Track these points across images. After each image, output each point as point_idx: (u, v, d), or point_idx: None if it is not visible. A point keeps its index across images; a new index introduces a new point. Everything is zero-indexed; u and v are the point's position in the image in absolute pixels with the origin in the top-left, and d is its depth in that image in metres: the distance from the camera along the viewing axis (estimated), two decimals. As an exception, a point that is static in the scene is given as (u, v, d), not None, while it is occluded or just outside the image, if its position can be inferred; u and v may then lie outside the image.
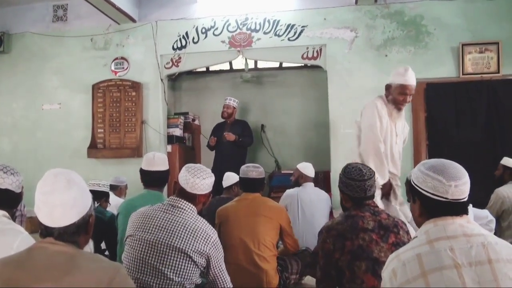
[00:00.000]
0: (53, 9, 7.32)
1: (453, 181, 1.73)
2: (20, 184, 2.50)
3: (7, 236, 2.09)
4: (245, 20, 6.70)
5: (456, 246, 1.66)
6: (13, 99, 7.36)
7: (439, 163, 1.81)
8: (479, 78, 6.01)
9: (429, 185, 1.78)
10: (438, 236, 1.71)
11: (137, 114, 6.87)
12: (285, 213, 3.81)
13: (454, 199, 1.74)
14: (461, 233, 1.70)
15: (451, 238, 1.69)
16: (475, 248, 1.64)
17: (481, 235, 1.69)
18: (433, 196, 1.77)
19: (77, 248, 1.70)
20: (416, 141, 6.12)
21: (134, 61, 7.00)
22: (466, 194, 1.77)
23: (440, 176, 1.75)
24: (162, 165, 3.63)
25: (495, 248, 1.64)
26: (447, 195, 1.74)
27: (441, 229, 1.73)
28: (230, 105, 7.12)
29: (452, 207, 1.76)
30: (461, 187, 1.74)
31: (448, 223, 1.74)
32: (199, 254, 2.56)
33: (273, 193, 6.46)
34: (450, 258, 1.62)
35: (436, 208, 1.78)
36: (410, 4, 6.30)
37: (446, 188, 1.74)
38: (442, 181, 1.74)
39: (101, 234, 3.99)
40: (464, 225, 1.73)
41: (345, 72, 6.41)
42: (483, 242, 1.66)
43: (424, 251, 1.68)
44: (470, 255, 1.62)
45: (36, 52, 7.31)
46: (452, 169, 1.78)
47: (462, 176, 1.76)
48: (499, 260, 1.61)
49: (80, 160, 6.84)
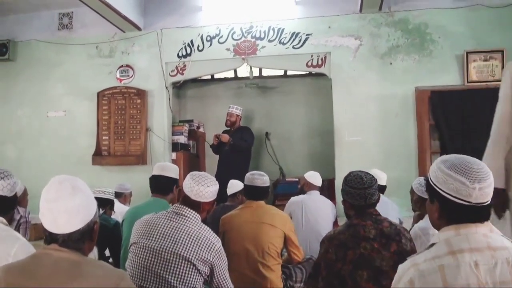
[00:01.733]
0: (59, 17, 7.36)
1: (478, 183, 1.57)
2: (12, 188, 2.38)
3: (5, 242, 2.08)
4: (250, 28, 6.72)
5: (481, 261, 1.51)
6: (18, 107, 7.38)
7: (462, 161, 1.64)
8: (483, 86, 5.99)
9: (450, 187, 1.60)
10: (461, 247, 1.56)
11: (142, 122, 6.88)
12: (289, 221, 3.79)
13: (478, 203, 1.58)
14: (485, 245, 1.55)
15: (475, 251, 1.54)
16: (500, 265, 1.51)
17: (505, 249, 1.55)
18: (454, 199, 1.60)
19: (81, 255, 1.70)
20: (421, 149, 6.10)
21: (139, 68, 7.02)
22: (490, 197, 1.61)
23: (463, 177, 1.58)
24: (171, 172, 3.66)
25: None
26: (470, 198, 1.57)
27: (464, 239, 1.58)
28: (233, 113, 7.12)
29: (475, 211, 1.60)
30: (486, 189, 1.58)
31: (471, 232, 1.59)
32: (202, 262, 2.55)
33: (277, 200, 6.45)
34: (475, 276, 1.49)
35: (458, 212, 1.62)
36: (414, 12, 6.31)
37: (470, 191, 1.57)
38: (466, 183, 1.57)
39: (105, 241, 3.98)
40: (488, 235, 1.59)
41: (349, 80, 6.41)
42: (507, 258, 1.52)
43: (447, 263, 1.53)
44: (494, 274, 1.49)
45: (42, 60, 7.34)
46: (476, 169, 1.61)
47: (487, 177, 1.60)
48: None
49: (84, 167, 6.84)
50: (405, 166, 6.12)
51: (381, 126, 6.29)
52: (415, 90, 6.19)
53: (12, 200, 2.40)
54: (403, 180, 5.72)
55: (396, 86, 6.27)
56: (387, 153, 6.21)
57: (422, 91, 6.14)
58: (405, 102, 6.23)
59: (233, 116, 7.11)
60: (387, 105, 6.28)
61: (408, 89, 6.23)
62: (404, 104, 6.24)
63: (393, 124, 6.25)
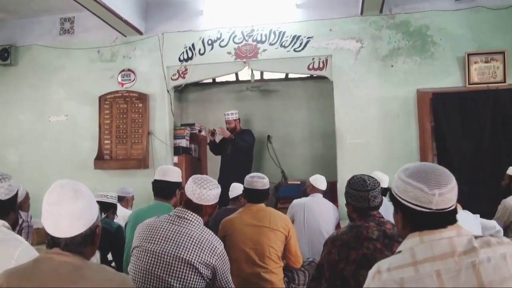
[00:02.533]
0: (60, 22, 7.38)
1: (437, 189, 1.53)
2: (7, 191, 2.32)
3: (8, 246, 2.08)
4: (251, 32, 6.73)
5: (443, 270, 1.47)
6: (20, 111, 7.40)
7: (420, 168, 1.62)
8: (485, 87, 5.99)
9: (410, 195, 1.58)
10: (424, 256, 1.51)
11: (143, 126, 6.89)
12: (290, 224, 3.78)
13: (439, 209, 1.54)
14: (449, 251, 1.50)
15: (438, 259, 1.49)
16: (464, 271, 1.45)
17: (472, 251, 1.48)
18: (415, 207, 1.57)
19: (83, 259, 1.70)
20: (422, 151, 6.10)
21: (141, 72, 7.03)
22: (453, 202, 1.57)
23: (422, 184, 1.55)
24: (173, 176, 3.66)
25: (487, 268, 1.45)
26: (431, 205, 1.54)
27: (427, 247, 1.53)
28: (230, 120, 7.13)
29: (438, 218, 1.55)
30: (447, 195, 1.54)
31: (435, 239, 1.54)
32: (205, 265, 2.55)
33: (279, 203, 6.45)
34: (436, 286, 1.45)
35: (420, 220, 1.58)
36: (415, 14, 6.32)
37: (430, 197, 1.54)
38: (424, 189, 1.54)
39: (107, 245, 3.98)
40: (453, 238, 1.53)
41: (351, 82, 6.41)
42: (473, 262, 1.46)
43: (407, 276, 1.49)
44: (458, 281, 1.45)
45: (43, 65, 7.35)
46: (435, 175, 1.57)
47: (448, 182, 1.56)
48: (491, 282, 1.43)
49: (86, 172, 6.85)
50: (407, 168, 6.10)
51: (383, 128, 6.29)
52: (416, 92, 6.19)
53: (7, 203, 2.34)
54: (405, 182, 5.70)
55: (397, 88, 6.27)
56: (388, 155, 6.21)
57: (423, 93, 6.14)
58: (407, 104, 6.23)
59: (232, 123, 7.13)
60: (389, 107, 6.28)
61: (410, 91, 6.23)
62: (405, 106, 6.24)
63: (394, 126, 6.25)
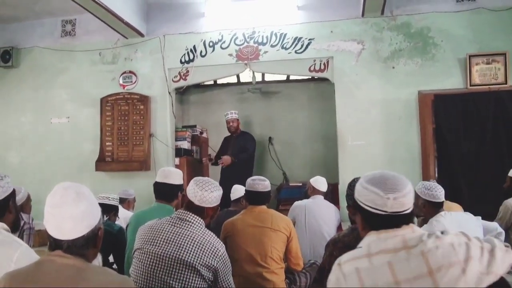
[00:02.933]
0: (62, 24, 7.39)
1: (391, 194, 1.67)
2: (0, 191, 2.29)
3: (7, 248, 2.08)
4: (252, 34, 6.73)
5: (395, 260, 1.60)
6: (21, 113, 7.41)
7: (378, 175, 1.75)
8: (486, 89, 5.99)
9: (368, 198, 1.72)
10: (378, 249, 1.66)
11: (145, 127, 6.90)
12: (291, 225, 3.78)
13: (394, 212, 1.68)
14: (402, 245, 1.64)
15: (391, 251, 1.63)
16: (414, 259, 1.59)
17: (422, 243, 1.62)
18: (372, 210, 1.71)
19: (85, 262, 1.71)
20: (424, 153, 6.10)
21: (142, 74, 7.04)
22: (408, 206, 1.71)
23: (377, 188, 1.69)
24: (175, 179, 3.66)
25: (435, 255, 1.58)
26: (386, 208, 1.68)
27: (382, 242, 1.67)
28: (234, 119, 7.14)
29: (393, 220, 1.69)
30: (401, 199, 1.68)
31: (390, 236, 1.68)
32: (206, 267, 2.55)
33: (281, 205, 6.44)
34: (388, 276, 1.58)
35: (377, 221, 1.72)
36: (416, 16, 6.32)
37: (385, 201, 1.67)
38: (380, 193, 1.68)
39: (109, 247, 3.99)
40: (406, 235, 1.67)
41: (352, 84, 6.41)
42: (422, 250, 1.60)
43: (362, 266, 1.64)
44: (409, 270, 1.58)
45: (45, 67, 7.37)
46: (391, 181, 1.71)
47: (402, 188, 1.69)
48: (440, 268, 1.56)
49: (88, 173, 6.86)
50: (409, 170, 6.10)
51: (384, 130, 6.29)
52: (418, 94, 6.20)
53: (1, 203, 2.29)
54: (406, 184, 5.70)
55: (399, 90, 6.27)
56: (390, 157, 6.21)
57: (425, 95, 6.14)
58: (408, 106, 6.23)
59: (235, 121, 7.15)
60: (390, 109, 6.28)
61: (411, 93, 6.23)
62: (407, 108, 6.24)
63: (396, 128, 6.25)
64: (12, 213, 2.35)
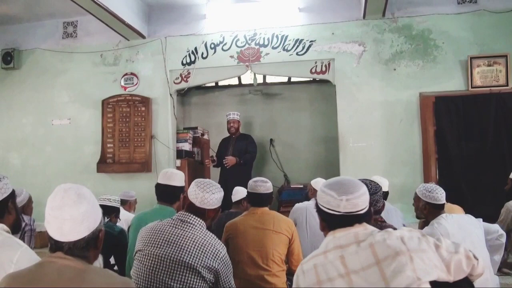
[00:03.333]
0: (63, 26, 7.40)
1: (344, 196, 1.83)
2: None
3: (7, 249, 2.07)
4: (254, 35, 6.74)
5: (346, 254, 1.77)
6: (23, 115, 7.42)
7: (335, 180, 1.95)
8: (488, 91, 6.00)
9: (324, 200, 1.89)
10: (333, 246, 1.83)
11: (146, 129, 6.90)
12: (293, 227, 3.77)
13: (347, 212, 1.83)
14: (353, 240, 1.80)
15: (344, 247, 1.80)
16: (363, 251, 1.74)
17: (371, 235, 1.78)
18: (327, 210, 1.87)
19: (86, 263, 1.70)
20: (425, 155, 6.10)
21: (144, 76, 7.04)
22: (361, 207, 1.85)
23: (332, 191, 1.86)
24: (177, 181, 3.66)
25: (382, 246, 1.73)
26: (339, 208, 1.84)
27: (336, 240, 1.84)
28: (235, 120, 7.13)
29: (346, 219, 1.84)
30: (353, 200, 1.83)
31: (344, 234, 1.83)
32: (208, 269, 2.54)
33: (282, 207, 6.43)
34: (340, 268, 1.75)
35: (332, 221, 1.88)
36: (418, 18, 6.32)
37: (338, 202, 1.84)
38: (334, 195, 1.85)
39: (110, 249, 3.98)
40: (359, 232, 1.82)
41: (353, 86, 6.42)
42: (370, 243, 1.75)
43: (319, 262, 1.83)
44: (358, 261, 1.73)
45: (46, 68, 7.38)
46: (346, 185, 1.88)
47: (355, 190, 1.85)
48: (387, 258, 1.70)
49: (89, 175, 6.87)
50: (410, 172, 6.11)
51: (386, 132, 6.29)
52: (419, 95, 6.20)
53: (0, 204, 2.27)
54: (408, 186, 5.73)
55: (400, 92, 6.28)
56: (391, 159, 6.21)
57: (426, 97, 6.14)
58: (410, 108, 6.24)
59: (236, 122, 7.14)
60: (392, 111, 6.28)
61: (412, 94, 6.23)
62: (408, 110, 6.24)
63: (397, 130, 6.25)
64: (12, 214, 2.34)
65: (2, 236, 2.14)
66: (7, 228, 2.23)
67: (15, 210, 2.38)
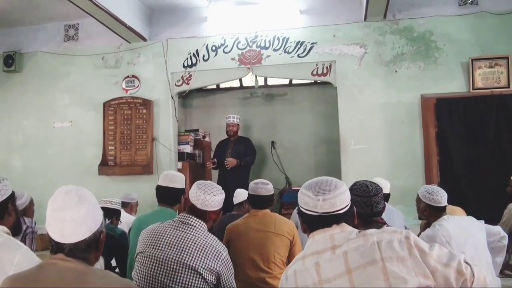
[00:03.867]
0: (65, 28, 7.42)
1: (321, 196, 1.80)
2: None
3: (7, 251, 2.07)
4: (255, 38, 6.74)
5: (321, 260, 1.74)
6: (24, 117, 7.43)
7: (313, 180, 1.90)
8: (489, 92, 5.99)
9: (302, 201, 1.86)
10: (310, 251, 1.80)
11: (147, 132, 6.91)
12: (295, 229, 3.77)
13: (324, 212, 1.80)
14: (329, 245, 1.76)
15: (320, 252, 1.77)
16: (336, 260, 1.71)
17: (346, 242, 1.74)
18: (306, 211, 1.85)
19: (87, 265, 1.70)
20: (427, 157, 6.09)
21: (145, 79, 7.05)
22: (339, 207, 1.81)
23: (309, 191, 1.83)
24: (178, 183, 3.66)
25: (354, 255, 1.68)
26: (316, 208, 1.80)
27: (314, 244, 1.81)
28: (234, 123, 7.15)
29: (323, 220, 1.81)
30: (330, 200, 1.79)
31: (320, 237, 1.80)
32: (209, 271, 2.54)
33: (284, 209, 6.45)
34: (314, 276, 1.72)
35: (311, 222, 1.85)
36: (419, 20, 6.32)
37: (315, 202, 1.80)
38: (311, 196, 1.82)
39: (111, 251, 3.98)
40: (335, 235, 1.78)
41: (355, 88, 6.41)
42: (345, 251, 1.71)
43: (298, 268, 1.79)
44: (331, 269, 1.70)
45: (48, 71, 7.39)
46: (323, 184, 1.84)
47: (332, 190, 1.81)
48: (359, 267, 1.66)
49: (91, 177, 6.87)
50: (412, 174, 6.10)
51: (387, 134, 6.28)
52: (420, 97, 6.19)
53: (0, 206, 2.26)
54: (409, 188, 5.72)
55: (401, 94, 6.27)
56: (393, 161, 6.20)
57: (427, 99, 6.14)
58: (411, 110, 6.23)
59: (235, 126, 7.16)
60: (393, 113, 6.28)
61: (414, 96, 6.22)
62: (409, 111, 6.23)
63: (399, 132, 6.25)
64: (12, 216, 2.33)
65: (2, 237, 2.14)
66: (7, 230, 2.23)
67: (15, 212, 2.37)
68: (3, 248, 2.08)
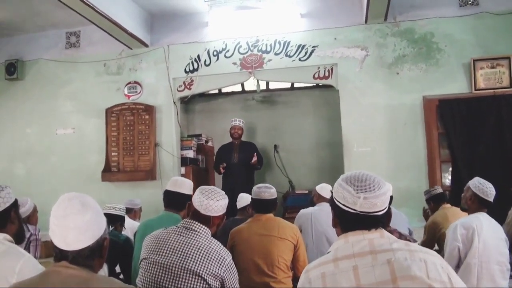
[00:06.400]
0: (66, 36, 7.44)
1: (362, 193, 1.67)
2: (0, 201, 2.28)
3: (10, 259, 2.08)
4: (256, 42, 6.75)
5: (360, 264, 1.61)
6: (27, 125, 7.44)
7: (354, 174, 1.77)
8: (491, 93, 5.97)
9: (340, 195, 1.74)
10: (345, 254, 1.67)
11: (150, 137, 6.91)
12: (298, 233, 3.76)
13: (363, 212, 1.68)
14: (368, 250, 1.65)
15: (357, 256, 1.64)
16: (379, 267, 1.59)
17: (390, 251, 1.63)
18: (342, 207, 1.72)
19: (91, 272, 1.70)
20: (429, 158, 6.07)
21: (147, 84, 7.06)
22: (380, 208, 1.70)
23: (350, 186, 1.70)
24: (186, 189, 3.67)
25: (402, 265, 1.58)
26: (355, 206, 1.68)
27: (349, 247, 1.68)
28: (240, 126, 7.19)
29: (362, 220, 1.70)
30: (372, 200, 1.67)
31: (358, 240, 1.69)
32: (213, 276, 2.54)
33: (287, 213, 6.43)
34: (352, 280, 1.59)
35: (346, 219, 1.73)
36: (420, 21, 6.31)
37: (355, 199, 1.68)
38: (351, 191, 1.69)
39: (115, 258, 3.98)
40: (374, 240, 1.67)
41: (356, 90, 6.41)
42: (389, 259, 1.59)
43: (328, 270, 1.65)
44: (373, 276, 1.57)
45: (50, 78, 7.40)
46: (365, 181, 1.71)
47: (375, 189, 1.69)
48: (404, 277, 1.55)
49: (94, 184, 6.87)
50: (415, 176, 6.09)
51: (390, 136, 6.27)
52: (422, 99, 6.18)
53: (2, 214, 2.28)
54: (413, 190, 5.72)
55: (403, 96, 6.26)
56: (396, 163, 6.19)
57: (429, 100, 6.13)
58: (413, 112, 6.21)
59: (240, 129, 7.21)
60: (395, 115, 6.26)
61: (416, 98, 6.21)
62: (412, 113, 6.22)
63: (401, 134, 6.23)
64: (15, 224, 2.34)
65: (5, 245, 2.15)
66: (10, 237, 2.23)
67: (18, 220, 2.38)
68: (5, 256, 2.08)
